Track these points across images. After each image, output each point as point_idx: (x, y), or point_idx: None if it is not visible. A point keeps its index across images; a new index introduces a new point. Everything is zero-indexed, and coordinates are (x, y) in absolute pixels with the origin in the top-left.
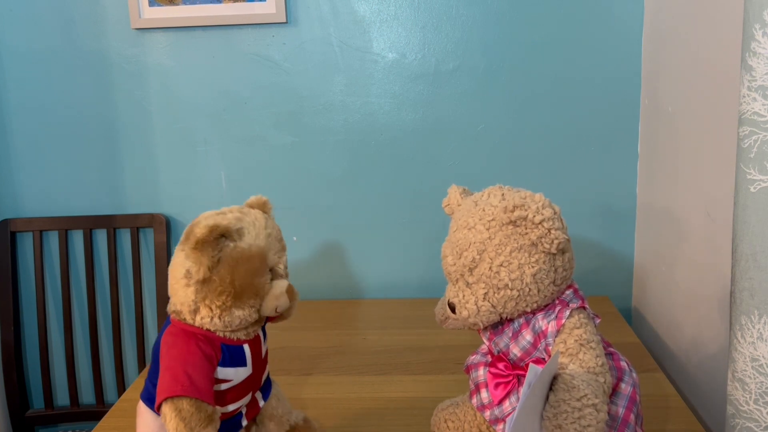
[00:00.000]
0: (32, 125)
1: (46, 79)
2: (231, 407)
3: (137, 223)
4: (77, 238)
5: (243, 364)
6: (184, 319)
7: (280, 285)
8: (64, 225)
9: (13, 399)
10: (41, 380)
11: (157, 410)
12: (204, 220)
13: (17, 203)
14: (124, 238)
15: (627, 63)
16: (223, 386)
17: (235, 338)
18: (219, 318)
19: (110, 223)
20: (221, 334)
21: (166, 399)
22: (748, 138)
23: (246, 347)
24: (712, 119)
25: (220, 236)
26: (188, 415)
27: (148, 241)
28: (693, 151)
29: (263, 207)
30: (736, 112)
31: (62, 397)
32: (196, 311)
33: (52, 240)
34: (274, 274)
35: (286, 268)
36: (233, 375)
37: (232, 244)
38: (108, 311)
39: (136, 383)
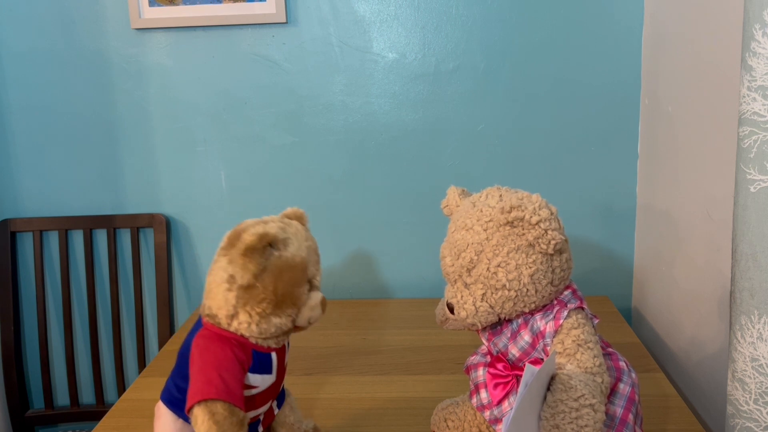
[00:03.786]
0: (32, 125)
1: (46, 79)
2: (253, 414)
3: (137, 223)
4: (77, 238)
5: (269, 371)
6: (219, 323)
7: (316, 296)
8: (64, 225)
9: (13, 399)
10: (41, 380)
11: (188, 413)
12: (252, 228)
13: (17, 203)
14: (124, 238)
15: (627, 63)
16: (253, 392)
17: (266, 345)
18: (257, 325)
19: (110, 223)
20: (254, 341)
21: (199, 401)
22: (748, 138)
23: (273, 355)
24: (712, 119)
25: (268, 245)
26: (222, 419)
27: (148, 241)
28: (693, 151)
29: (301, 219)
30: (736, 112)
31: (62, 397)
32: (234, 316)
33: (52, 240)
34: (310, 286)
35: (320, 280)
36: (260, 382)
37: (277, 253)
38: (108, 311)
39: (136, 383)
